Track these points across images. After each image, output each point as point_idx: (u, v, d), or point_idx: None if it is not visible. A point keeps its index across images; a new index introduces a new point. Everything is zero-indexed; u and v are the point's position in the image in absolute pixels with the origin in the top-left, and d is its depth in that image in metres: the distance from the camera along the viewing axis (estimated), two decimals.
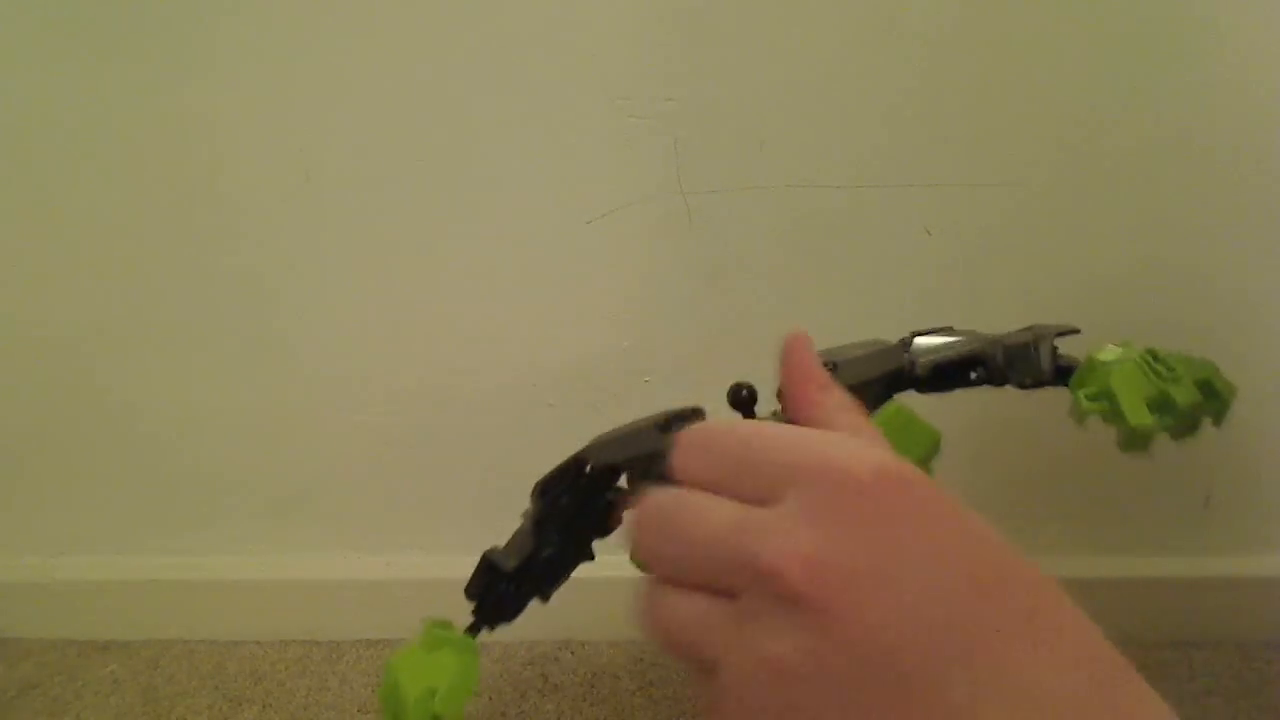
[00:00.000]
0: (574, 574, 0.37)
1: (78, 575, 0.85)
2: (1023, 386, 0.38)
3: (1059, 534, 0.78)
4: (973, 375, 0.38)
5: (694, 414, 0.34)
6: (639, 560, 0.22)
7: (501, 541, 0.41)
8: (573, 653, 0.82)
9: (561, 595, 0.80)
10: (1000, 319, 0.71)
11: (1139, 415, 0.33)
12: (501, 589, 0.36)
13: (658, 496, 0.22)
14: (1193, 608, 0.78)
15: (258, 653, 0.85)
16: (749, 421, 0.23)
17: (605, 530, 0.35)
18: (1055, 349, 0.38)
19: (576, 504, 0.35)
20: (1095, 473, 0.74)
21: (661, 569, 0.22)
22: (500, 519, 0.40)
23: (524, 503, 0.39)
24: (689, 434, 0.22)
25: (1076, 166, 0.64)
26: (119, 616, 0.86)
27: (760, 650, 0.18)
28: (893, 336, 0.41)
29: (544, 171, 0.66)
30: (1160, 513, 0.77)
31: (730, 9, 0.61)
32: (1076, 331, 0.38)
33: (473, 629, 0.36)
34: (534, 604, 0.38)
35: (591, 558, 0.36)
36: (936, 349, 0.37)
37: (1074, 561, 0.78)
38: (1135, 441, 0.34)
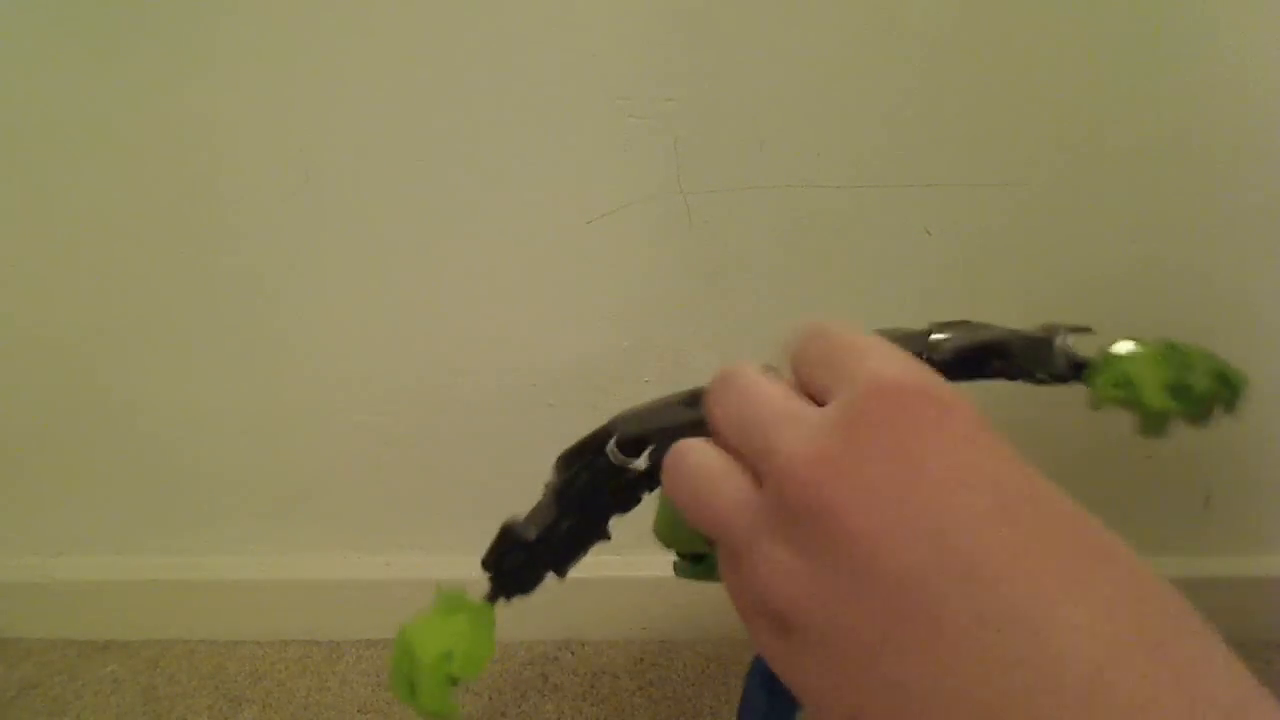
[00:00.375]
0: (574, 574, 0.37)
1: (78, 575, 0.85)
2: (1038, 381, 0.38)
3: None
4: (993, 366, 0.37)
5: None
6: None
7: None
8: (573, 653, 0.83)
9: (561, 595, 0.80)
10: (1000, 319, 0.71)
11: (1158, 399, 0.34)
12: (519, 560, 0.35)
13: (736, 365, 0.23)
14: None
15: (258, 653, 0.85)
16: (844, 326, 0.23)
17: (625, 508, 0.35)
18: (1070, 345, 0.38)
19: (597, 479, 0.34)
20: (1095, 473, 0.75)
21: (716, 432, 0.23)
22: (500, 519, 0.40)
23: (524, 503, 0.39)
24: (806, 327, 0.23)
25: (1076, 166, 0.64)
26: (119, 616, 0.86)
27: (769, 559, 0.19)
28: None
29: (544, 171, 0.66)
30: (1160, 513, 0.77)
31: (730, 9, 0.61)
32: (1090, 330, 0.38)
33: (489, 597, 0.35)
34: (534, 605, 0.38)
35: (608, 537, 0.35)
36: (960, 336, 0.37)
37: None
38: (1153, 426, 0.35)
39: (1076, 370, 0.37)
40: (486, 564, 0.35)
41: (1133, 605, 0.16)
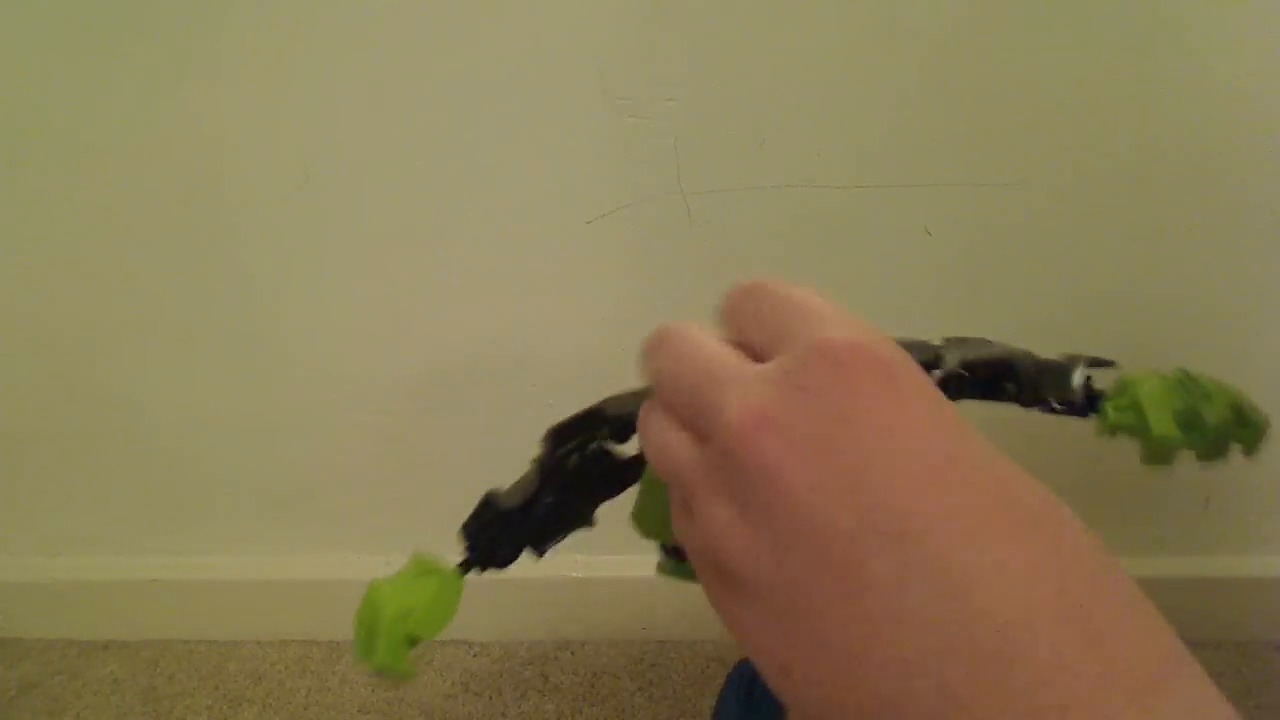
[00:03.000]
0: (574, 574, 0.37)
1: (78, 575, 0.85)
2: (1051, 410, 0.36)
3: None
4: (1005, 388, 0.36)
5: None
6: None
7: None
8: (573, 653, 0.83)
9: (562, 595, 0.80)
10: (1001, 319, 0.71)
11: (1163, 426, 0.33)
12: (497, 531, 0.35)
13: (672, 324, 0.23)
14: (1193, 608, 0.78)
15: (258, 653, 0.85)
16: (787, 284, 0.23)
17: (612, 492, 0.34)
18: (1089, 376, 0.36)
19: (587, 463, 0.34)
20: (1095, 473, 0.75)
21: (659, 391, 0.23)
22: None
23: None
24: (748, 284, 0.23)
25: (1077, 167, 0.64)
26: (119, 616, 0.87)
27: (712, 514, 0.19)
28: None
29: (544, 171, 0.66)
30: (1160, 513, 0.77)
31: (730, 9, 0.61)
32: (1113, 364, 0.37)
33: (463, 566, 0.35)
34: (533, 605, 0.38)
35: (592, 524, 0.35)
36: (971, 351, 0.35)
37: None
38: (1158, 455, 0.34)
39: (1092, 402, 0.35)
40: (464, 532, 0.35)
41: (1058, 571, 0.17)
